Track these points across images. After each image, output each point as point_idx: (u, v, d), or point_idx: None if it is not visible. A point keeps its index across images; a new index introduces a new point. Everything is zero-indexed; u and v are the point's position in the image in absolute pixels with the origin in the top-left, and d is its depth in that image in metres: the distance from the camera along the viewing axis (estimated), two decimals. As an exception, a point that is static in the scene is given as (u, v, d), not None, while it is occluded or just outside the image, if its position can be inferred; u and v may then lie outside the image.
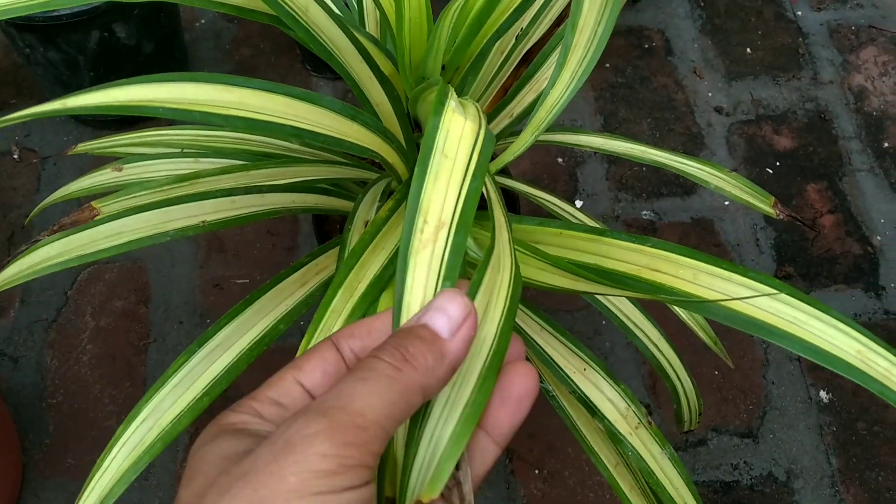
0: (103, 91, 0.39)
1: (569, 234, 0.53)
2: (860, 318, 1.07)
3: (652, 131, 1.21)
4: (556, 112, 0.46)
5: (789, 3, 1.35)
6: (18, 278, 0.55)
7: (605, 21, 0.39)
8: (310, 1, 0.53)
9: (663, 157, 0.76)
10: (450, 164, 0.36)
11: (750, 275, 0.43)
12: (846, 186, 1.17)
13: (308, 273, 0.62)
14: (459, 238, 0.33)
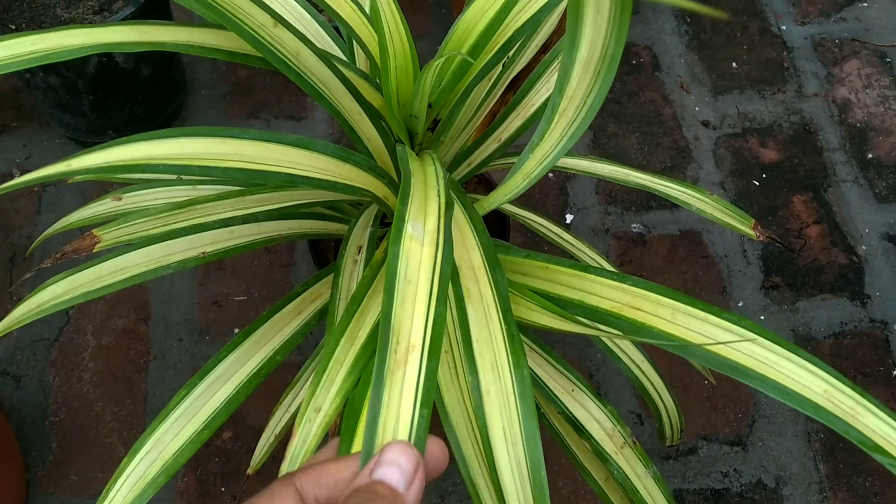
0: (106, 151, 0.41)
1: (555, 269, 0.55)
2: (846, 325, 1.09)
3: (640, 145, 1.24)
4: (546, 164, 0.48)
5: (774, 18, 1.38)
6: (27, 318, 0.58)
7: (595, 93, 0.41)
8: (300, 45, 0.56)
9: (647, 181, 0.79)
10: (413, 289, 0.39)
11: (724, 315, 0.46)
12: (831, 197, 1.20)
13: (304, 302, 0.65)
14: (432, 364, 0.36)
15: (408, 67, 0.58)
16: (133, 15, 1.00)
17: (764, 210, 1.18)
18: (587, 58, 0.40)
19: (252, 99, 1.27)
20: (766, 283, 1.12)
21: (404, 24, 0.56)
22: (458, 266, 0.52)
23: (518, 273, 0.59)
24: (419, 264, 0.42)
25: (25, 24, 1.02)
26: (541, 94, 0.74)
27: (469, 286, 0.50)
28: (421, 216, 0.46)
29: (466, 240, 0.54)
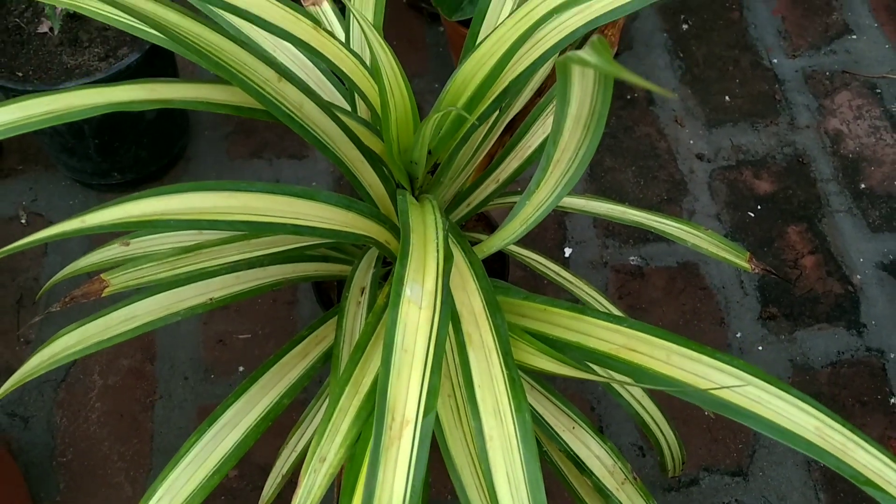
0: (120, 207, 0.43)
1: (553, 311, 0.57)
2: (843, 355, 1.11)
3: (637, 179, 1.26)
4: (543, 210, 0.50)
5: (765, 52, 1.40)
6: (40, 369, 0.59)
7: (585, 147, 0.43)
8: (304, 98, 0.58)
9: (643, 218, 0.80)
10: (409, 359, 0.41)
11: (717, 356, 0.47)
12: (825, 227, 1.21)
13: (309, 345, 0.66)
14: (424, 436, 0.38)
15: (408, 118, 0.60)
16: (138, 61, 1.02)
17: (760, 241, 1.20)
18: (577, 114, 0.42)
19: (254, 139, 1.29)
20: (763, 314, 1.14)
21: (403, 77, 0.58)
22: (460, 312, 0.53)
23: (517, 315, 0.60)
24: (416, 330, 0.43)
25: (32, 70, 1.05)
26: (537, 136, 0.75)
27: (470, 331, 0.52)
28: (420, 275, 0.48)
29: (467, 285, 0.56)
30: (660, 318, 1.13)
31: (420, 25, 1.43)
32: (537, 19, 0.52)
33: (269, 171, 1.26)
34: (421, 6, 1.42)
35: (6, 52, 1.06)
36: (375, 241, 0.61)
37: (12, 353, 1.09)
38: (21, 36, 1.08)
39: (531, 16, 0.53)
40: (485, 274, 0.56)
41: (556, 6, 0.52)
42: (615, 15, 0.53)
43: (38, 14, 1.09)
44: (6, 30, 1.08)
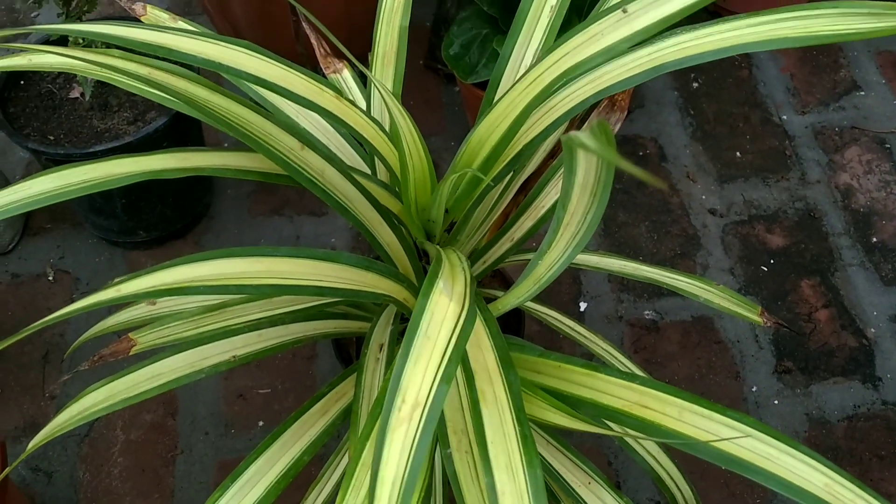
0: (152, 275, 0.45)
1: (567, 368, 0.58)
2: (859, 409, 1.11)
3: (650, 233, 1.27)
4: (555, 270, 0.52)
5: (775, 108, 1.43)
6: (69, 424, 0.61)
7: (592, 212, 0.45)
8: (325, 164, 0.60)
9: (655, 274, 0.82)
10: (430, 346, 0.42)
11: (728, 413, 0.49)
12: (838, 281, 1.22)
13: (329, 402, 0.68)
14: (431, 419, 0.39)
15: (425, 179, 0.62)
16: (166, 125, 1.06)
17: (773, 295, 1.21)
18: (583, 182, 0.44)
19: (275, 197, 1.32)
20: (778, 368, 1.14)
21: (421, 141, 0.60)
22: (474, 369, 0.55)
23: (533, 371, 0.62)
24: (443, 320, 0.44)
25: (63, 134, 1.09)
26: (550, 196, 0.78)
27: (484, 388, 0.53)
28: (451, 280, 0.49)
29: (481, 341, 0.57)
30: (675, 373, 1.14)
31: (437, 86, 1.47)
32: (548, 83, 0.54)
33: (289, 228, 1.29)
34: (437, 67, 1.46)
35: (39, 116, 1.11)
36: (394, 300, 0.63)
37: (38, 409, 1.11)
38: (53, 101, 1.12)
39: (542, 79, 0.55)
40: (499, 331, 0.58)
41: (565, 70, 0.54)
42: (625, 86, 0.56)
43: (70, 80, 1.13)
44: (39, 95, 1.13)
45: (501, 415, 0.51)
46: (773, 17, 0.54)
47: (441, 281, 0.47)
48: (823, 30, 0.53)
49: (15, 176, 1.34)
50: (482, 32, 1.16)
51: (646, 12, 0.50)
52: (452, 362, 0.42)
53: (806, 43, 0.52)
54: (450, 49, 1.18)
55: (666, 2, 0.50)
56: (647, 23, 0.50)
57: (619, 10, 0.51)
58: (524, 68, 0.71)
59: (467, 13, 1.19)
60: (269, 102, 0.72)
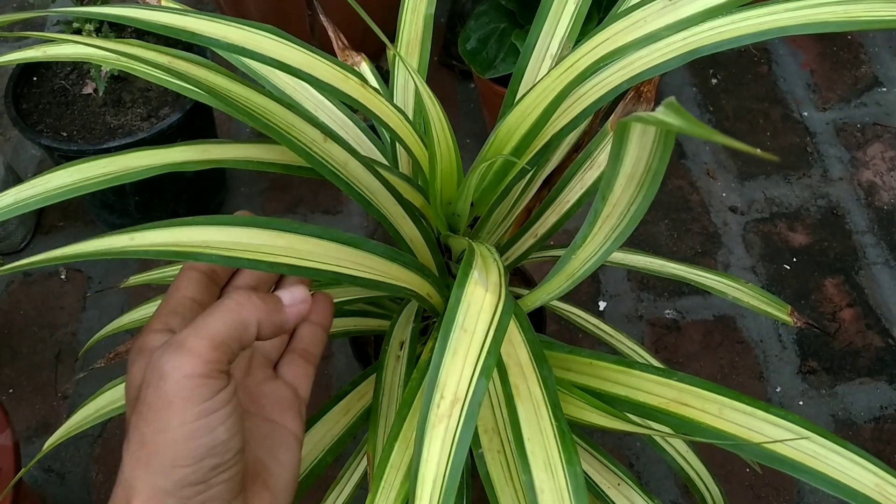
0: (169, 230, 0.43)
1: (599, 365, 0.56)
2: (886, 409, 1.09)
3: (670, 232, 1.25)
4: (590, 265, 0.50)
5: (795, 105, 1.41)
6: (86, 423, 0.60)
7: (638, 203, 0.43)
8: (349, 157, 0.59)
9: (681, 271, 0.80)
10: (468, 339, 0.40)
11: (771, 410, 0.47)
12: (863, 280, 1.20)
13: (350, 401, 0.66)
14: (472, 414, 0.37)
15: (452, 171, 0.61)
16: (179, 121, 1.05)
17: (796, 294, 1.19)
18: (631, 172, 0.42)
19: (289, 195, 1.31)
20: (802, 368, 1.12)
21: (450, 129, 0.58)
22: (507, 364, 0.53)
23: (563, 368, 0.60)
24: (479, 311, 0.42)
25: (76, 130, 1.08)
26: (574, 191, 0.76)
27: (518, 384, 0.52)
28: (485, 270, 0.47)
29: (513, 336, 0.56)
30: (697, 373, 1.11)
31: (452, 83, 1.46)
32: (580, 72, 0.52)
33: (303, 227, 1.27)
34: (452, 64, 1.44)
35: (52, 112, 1.09)
36: (416, 294, 0.61)
37: (50, 408, 1.10)
38: (66, 97, 1.11)
39: (575, 68, 0.53)
40: (530, 326, 0.56)
41: (603, 56, 0.53)
42: (656, 71, 0.54)
43: (83, 76, 1.12)
44: (52, 91, 1.11)
45: (537, 410, 0.49)
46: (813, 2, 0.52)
47: (475, 271, 0.45)
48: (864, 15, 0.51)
49: (27, 173, 1.33)
50: (500, 27, 1.15)
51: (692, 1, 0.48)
52: (491, 355, 0.40)
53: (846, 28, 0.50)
54: (466, 44, 1.16)
55: (713, -10, 0.48)
56: (692, 11, 0.48)
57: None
58: (550, 58, 0.69)
59: (484, 7, 1.17)
60: (287, 96, 0.71)
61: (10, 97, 1.08)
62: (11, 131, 1.39)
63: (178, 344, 0.36)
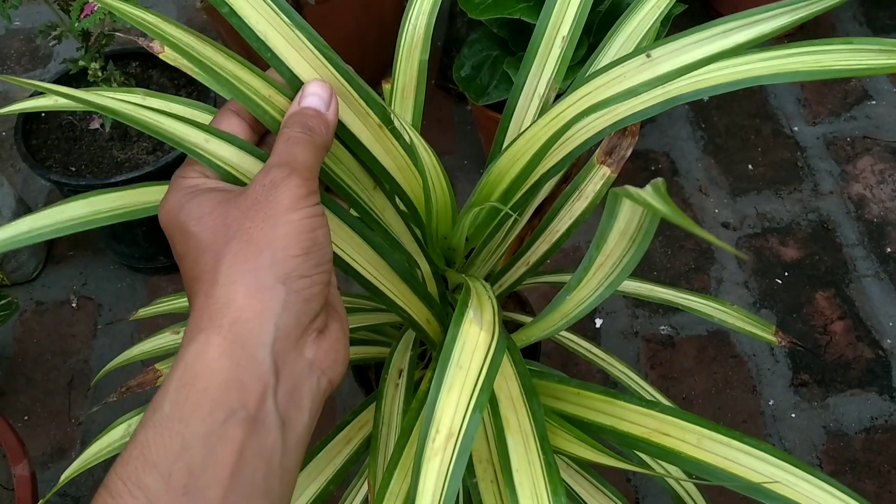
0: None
1: (587, 395, 0.59)
2: (876, 420, 1.11)
3: (664, 248, 1.28)
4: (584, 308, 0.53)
5: (786, 120, 1.44)
6: (100, 456, 0.63)
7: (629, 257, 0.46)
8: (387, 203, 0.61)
9: (670, 295, 0.83)
10: (463, 375, 0.43)
11: (746, 440, 0.50)
12: (853, 292, 1.23)
13: (352, 430, 0.69)
14: (465, 448, 0.40)
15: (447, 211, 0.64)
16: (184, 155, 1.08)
17: (788, 307, 1.22)
18: (624, 228, 0.45)
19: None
20: (795, 381, 1.15)
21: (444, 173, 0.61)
22: (498, 397, 0.56)
23: (552, 397, 0.63)
24: (474, 349, 0.46)
25: (84, 165, 1.11)
26: (564, 221, 0.79)
27: (508, 416, 0.55)
28: (479, 308, 0.51)
29: (504, 370, 0.59)
30: (692, 388, 1.14)
31: (448, 105, 1.49)
32: (565, 123, 0.55)
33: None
34: (449, 87, 1.48)
35: (60, 147, 1.13)
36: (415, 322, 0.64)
37: (64, 434, 1.13)
38: (74, 132, 1.14)
39: (560, 118, 0.56)
40: (521, 359, 0.59)
41: (585, 109, 0.56)
42: (639, 117, 0.57)
43: (90, 112, 1.15)
44: (60, 127, 1.15)
45: (526, 442, 0.52)
46: (785, 52, 0.55)
47: (471, 310, 0.48)
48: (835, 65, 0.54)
49: (37, 204, 1.36)
50: (492, 54, 1.18)
51: (669, 59, 0.51)
52: (484, 391, 0.43)
53: (818, 77, 0.53)
54: (461, 71, 1.19)
55: (689, 51, 0.51)
56: (668, 69, 0.51)
57: (644, 55, 0.52)
58: (538, 97, 0.72)
59: (477, 35, 1.20)
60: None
61: (19, 134, 1.12)
62: (21, 163, 1.42)
63: (284, 164, 0.40)
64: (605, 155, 0.76)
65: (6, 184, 1.22)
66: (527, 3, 1.07)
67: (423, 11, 0.65)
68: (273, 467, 0.36)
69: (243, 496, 0.34)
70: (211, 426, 0.34)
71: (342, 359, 0.42)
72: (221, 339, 0.36)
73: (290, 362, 0.38)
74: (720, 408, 1.13)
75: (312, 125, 0.43)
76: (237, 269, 0.37)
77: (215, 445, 0.34)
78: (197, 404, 0.35)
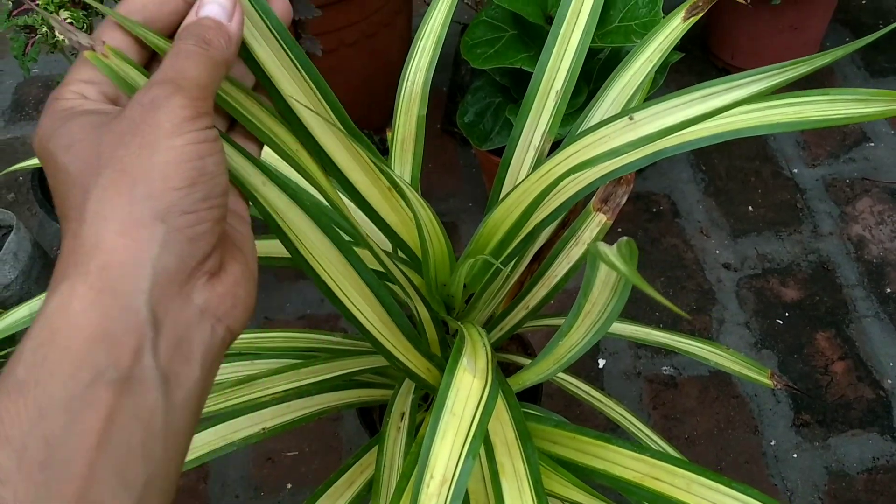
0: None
1: (581, 440, 0.61)
2: (878, 460, 1.12)
3: (665, 289, 1.30)
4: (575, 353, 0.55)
5: (785, 162, 1.46)
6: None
7: (613, 305, 0.49)
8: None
9: (666, 339, 0.85)
10: (456, 422, 0.45)
11: (733, 485, 0.51)
12: (853, 333, 1.24)
13: (354, 473, 0.71)
14: (458, 493, 0.42)
15: (445, 261, 0.66)
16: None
17: (789, 348, 1.23)
18: (606, 278, 0.47)
19: (299, 261, 1.36)
20: (796, 421, 1.16)
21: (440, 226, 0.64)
22: (493, 442, 0.58)
23: (549, 441, 0.65)
24: (467, 396, 0.48)
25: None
26: (562, 266, 0.81)
27: (503, 461, 0.56)
28: (473, 356, 0.53)
29: (500, 415, 0.61)
30: (694, 428, 1.15)
31: (454, 149, 1.52)
32: (555, 179, 0.58)
33: (313, 293, 1.33)
34: (454, 131, 1.51)
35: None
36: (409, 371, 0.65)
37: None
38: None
39: (550, 174, 0.59)
40: (517, 404, 0.61)
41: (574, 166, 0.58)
42: (627, 170, 0.59)
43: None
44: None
45: (520, 486, 0.54)
46: (766, 105, 0.58)
47: (465, 358, 0.51)
48: (814, 115, 0.57)
49: (52, 247, 1.40)
50: (495, 101, 1.21)
51: (651, 121, 0.54)
52: (477, 438, 0.45)
53: (797, 128, 0.56)
54: (465, 117, 1.23)
55: (670, 114, 0.54)
56: (650, 131, 0.53)
57: (627, 118, 0.55)
58: (533, 148, 0.75)
59: (480, 83, 1.23)
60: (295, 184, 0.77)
61: (35, 179, 1.15)
62: (38, 208, 1.46)
63: (169, 81, 0.34)
64: (601, 203, 0.79)
65: (23, 228, 1.26)
66: (527, 53, 1.11)
67: (420, 69, 0.68)
68: (154, 430, 0.32)
69: (115, 466, 0.30)
70: (73, 390, 0.30)
71: (243, 304, 0.37)
72: (88, 287, 0.31)
73: (175, 311, 0.33)
74: (722, 448, 1.14)
75: (209, 37, 0.37)
76: (108, 204, 0.32)
77: (79, 412, 0.30)
78: (57, 365, 0.30)
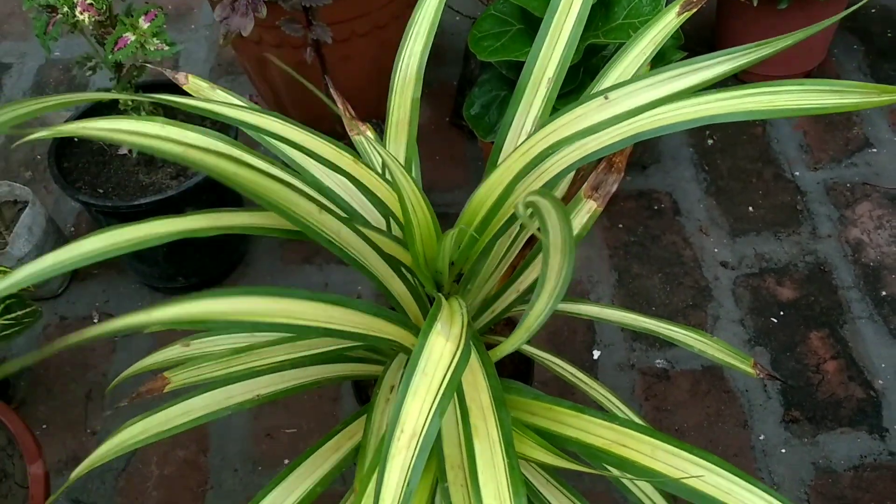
0: (180, 305, 0.51)
1: (557, 410, 0.64)
2: (865, 458, 1.13)
3: (663, 285, 1.32)
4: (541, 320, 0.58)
5: (787, 165, 1.48)
6: (109, 455, 0.68)
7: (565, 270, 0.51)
8: (341, 226, 0.67)
9: (651, 324, 0.87)
10: (427, 382, 0.48)
11: (695, 451, 0.54)
12: (847, 333, 1.26)
13: (341, 439, 0.74)
14: (426, 446, 0.45)
15: (430, 234, 0.69)
16: (206, 179, 1.15)
17: (782, 346, 1.25)
18: (554, 241, 0.50)
19: (307, 246, 1.40)
20: (786, 417, 1.17)
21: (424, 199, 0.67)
22: (469, 406, 0.61)
23: (527, 412, 0.68)
24: (439, 358, 0.50)
25: (112, 187, 1.18)
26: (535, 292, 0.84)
27: (477, 424, 0.59)
28: (448, 323, 0.55)
29: (478, 382, 0.63)
30: (684, 420, 1.18)
31: (462, 142, 1.55)
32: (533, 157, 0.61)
33: (318, 276, 1.36)
34: (462, 125, 1.54)
35: (90, 170, 1.20)
36: (401, 346, 0.69)
37: (79, 444, 1.19)
38: (103, 157, 1.22)
39: (528, 154, 0.62)
40: (495, 373, 0.64)
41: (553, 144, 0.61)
42: (605, 152, 0.62)
43: (119, 138, 1.23)
44: (91, 151, 1.22)
45: (492, 448, 0.57)
46: (741, 93, 0.60)
47: (439, 323, 0.53)
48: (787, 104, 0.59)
49: (66, 223, 1.44)
50: (500, 94, 1.24)
51: (624, 100, 0.57)
52: (446, 397, 0.48)
53: (770, 116, 0.58)
54: (471, 109, 1.26)
55: (642, 92, 0.57)
56: (624, 109, 0.56)
57: (602, 97, 0.58)
58: (524, 135, 0.77)
59: (487, 76, 1.26)
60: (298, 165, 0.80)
61: (52, 156, 1.19)
62: (53, 185, 1.50)
63: None
64: (592, 189, 0.81)
65: (38, 204, 1.30)
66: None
67: (414, 53, 0.71)
68: None
69: None
70: None
71: None
72: None
73: None
74: (711, 441, 1.16)
75: None
76: None
77: None
78: None
